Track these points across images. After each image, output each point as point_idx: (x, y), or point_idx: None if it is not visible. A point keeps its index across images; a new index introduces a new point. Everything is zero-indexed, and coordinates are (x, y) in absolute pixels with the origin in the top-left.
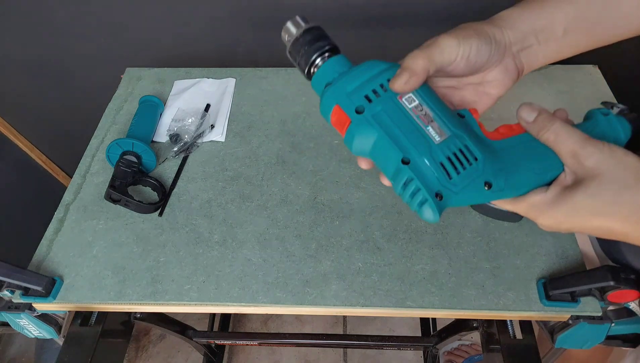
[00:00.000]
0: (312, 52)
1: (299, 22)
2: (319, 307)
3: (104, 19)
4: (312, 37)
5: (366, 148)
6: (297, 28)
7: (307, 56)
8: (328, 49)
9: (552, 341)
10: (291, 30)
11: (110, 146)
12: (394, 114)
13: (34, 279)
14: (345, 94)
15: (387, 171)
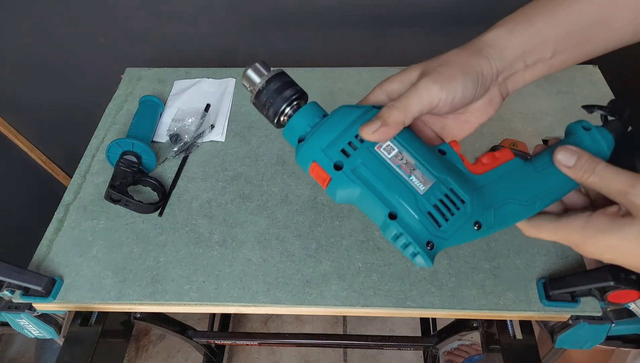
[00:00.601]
0: (281, 103)
1: (261, 69)
2: (319, 307)
3: (104, 19)
4: (277, 85)
5: (351, 200)
6: (260, 77)
7: (275, 106)
8: (296, 97)
9: (552, 341)
10: (253, 79)
11: (110, 146)
12: (374, 167)
13: (34, 279)
14: (320, 150)
15: (376, 221)
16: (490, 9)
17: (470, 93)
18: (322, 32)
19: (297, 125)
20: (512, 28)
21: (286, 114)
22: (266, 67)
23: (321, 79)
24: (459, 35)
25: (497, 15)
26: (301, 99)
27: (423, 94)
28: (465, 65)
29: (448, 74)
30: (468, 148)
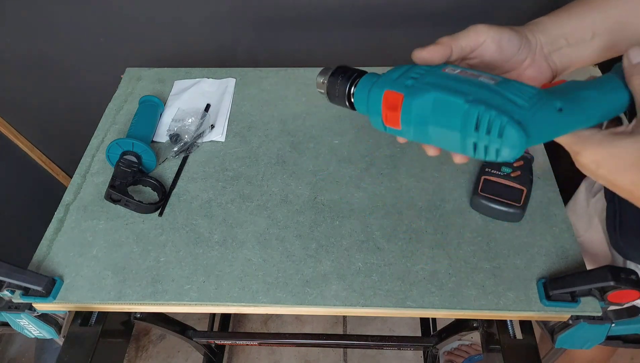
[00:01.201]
0: (345, 85)
1: (324, 72)
2: (319, 307)
3: (104, 19)
4: (336, 77)
5: (426, 113)
6: (324, 75)
7: (341, 90)
8: (356, 76)
9: (553, 341)
10: (319, 81)
11: (110, 146)
12: (444, 78)
13: (34, 279)
14: (391, 81)
15: (454, 125)
16: (490, 9)
17: (515, 43)
18: (322, 32)
19: (363, 88)
20: (551, 15)
21: (352, 93)
22: (328, 69)
23: None
24: None
25: (497, 15)
26: (360, 77)
27: (470, 29)
28: (513, 27)
29: (497, 25)
30: None
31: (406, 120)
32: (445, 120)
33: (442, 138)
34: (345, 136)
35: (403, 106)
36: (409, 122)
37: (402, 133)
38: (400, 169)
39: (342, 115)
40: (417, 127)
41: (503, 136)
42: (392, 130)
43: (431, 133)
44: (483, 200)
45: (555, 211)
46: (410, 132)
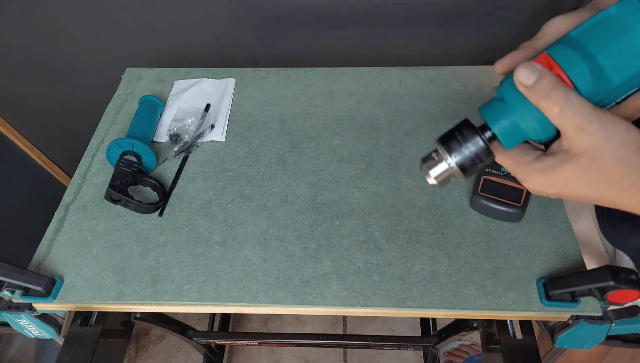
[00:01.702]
0: (473, 135)
1: (432, 157)
2: (319, 307)
3: (104, 19)
4: (459, 150)
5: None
6: (443, 160)
7: (476, 153)
8: (471, 132)
9: (553, 341)
10: (442, 168)
11: (110, 146)
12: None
13: (34, 279)
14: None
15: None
16: (490, 9)
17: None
18: (322, 32)
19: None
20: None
21: (487, 138)
22: (430, 154)
23: (321, 79)
24: (459, 35)
25: (496, 15)
26: (469, 128)
27: (547, 26)
28: (588, 6)
29: (570, 12)
30: None
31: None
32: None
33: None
34: (345, 136)
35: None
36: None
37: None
38: (400, 169)
39: (342, 115)
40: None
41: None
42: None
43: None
44: (483, 200)
45: (555, 211)
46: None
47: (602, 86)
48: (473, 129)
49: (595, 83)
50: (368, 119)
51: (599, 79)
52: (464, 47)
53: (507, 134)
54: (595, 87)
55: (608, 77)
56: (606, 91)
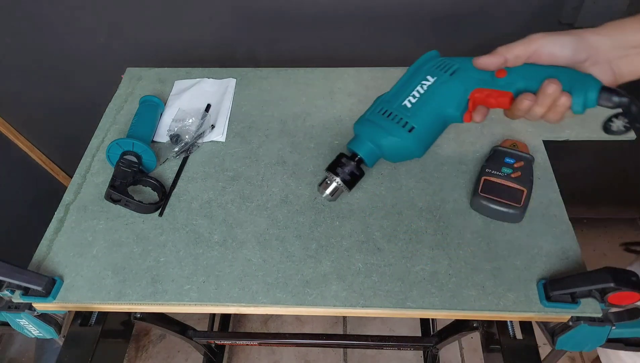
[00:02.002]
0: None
1: (326, 183)
2: (319, 308)
3: (104, 19)
4: (344, 171)
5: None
6: (333, 182)
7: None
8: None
9: (553, 343)
10: (330, 188)
11: (110, 146)
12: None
13: (34, 279)
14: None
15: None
16: (490, 9)
17: (568, 49)
18: (322, 32)
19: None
20: (624, 21)
21: (357, 160)
22: (324, 180)
23: (321, 79)
24: (458, 35)
25: (496, 15)
26: (344, 157)
27: (525, 40)
28: (574, 31)
29: (556, 33)
30: (469, 148)
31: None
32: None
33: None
34: (345, 136)
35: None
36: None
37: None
38: (400, 169)
39: (342, 116)
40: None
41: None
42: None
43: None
44: (483, 201)
45: (556, 212)
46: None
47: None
48: (347, 157)
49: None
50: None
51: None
52: (464, 47)
53: (368, 155)
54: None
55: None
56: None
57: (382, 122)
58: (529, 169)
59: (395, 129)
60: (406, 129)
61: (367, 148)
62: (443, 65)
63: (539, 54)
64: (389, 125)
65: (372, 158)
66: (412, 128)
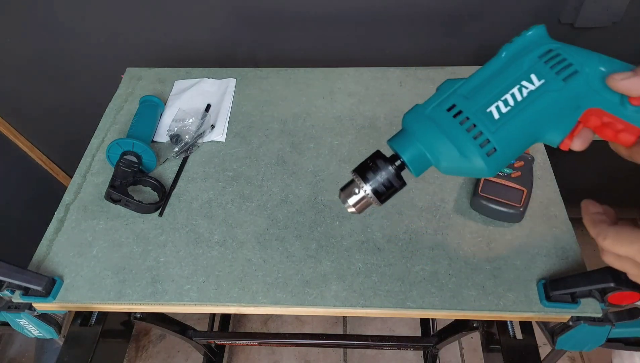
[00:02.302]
0: (389, 175)
1: (351, 189)
2: (319, 308)
3: (104, 19)
4: (375, 176)
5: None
6: (359, 189)
7: (389, 179)
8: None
9: (553, 343)
10: (357, 196)
11: (110, 146)
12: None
13: (34, 279)
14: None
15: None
16: (490, 8)
17: None
18: (322, 32)
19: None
20: None
21: (398, 166)
22: (347, 184)
23: (321, 79)
24: (459, 36)
25: (496, 14)
26: (380, 158)
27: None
28: None
29: None
30: None
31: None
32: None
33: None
34: (345, 136)
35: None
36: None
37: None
38: None
39: (343, 115)
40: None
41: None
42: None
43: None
44: (483, 201)
45: (556, 212)
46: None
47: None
48: (384, 158)
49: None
50: (368, 119)
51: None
52: (464, 47)
53: (416, 163)
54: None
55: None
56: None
57: (451, 130)
58: (529, 169)
59: (468, 147)
60: (485, 150)
61: (417, 154)
62: (556, 60)
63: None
64: (460, 137)
65: (420, 167)
66: (493, 151)
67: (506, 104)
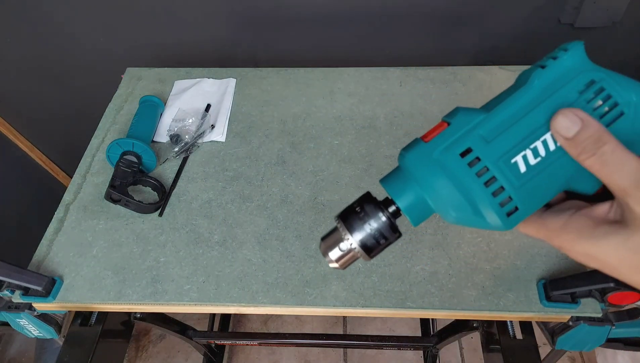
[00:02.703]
0: (381, 224)
1: (332, 239)
2: (319, 308)
3: (104, 19)
4: (359, 228)
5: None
6: (343, 240)
7: (382, 229)
8: (377, 205)
9: (553, 343)
10: (342, 249)
11: (110, 146)
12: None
13: (34, 279)
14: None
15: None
16: (490, 8)
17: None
18: (322, 32)
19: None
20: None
21: (392, 213)
22: (330, 233)
23: (321, 79)
24: (459, 36)
25: (496, 14)
26: (371, 202)
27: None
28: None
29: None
30: None
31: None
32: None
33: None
34: (345, 137)
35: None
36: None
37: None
38: None
39: (342, 115)
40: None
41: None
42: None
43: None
44: None
45: None
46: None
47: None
48: (375, 203)
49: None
50: (368, 119)
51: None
52: (464, 47)
53: (414, 209)
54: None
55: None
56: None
57: (465, 181)
58: None
59: (484, 205)
60: (505, 210)
61: (418, 202)
62: (599, 97)
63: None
64: (476, 192)
65: (420, 216)
66: (515, 210)
67: (536, 155)
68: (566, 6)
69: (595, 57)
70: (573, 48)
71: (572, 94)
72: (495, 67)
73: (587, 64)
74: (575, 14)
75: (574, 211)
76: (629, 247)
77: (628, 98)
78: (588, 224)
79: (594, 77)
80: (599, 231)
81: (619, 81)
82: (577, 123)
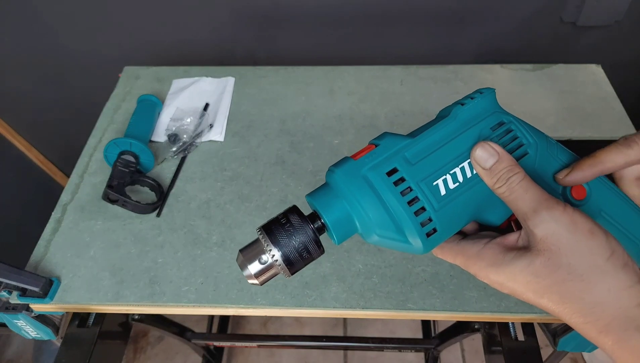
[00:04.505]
0: (306, 236)
1: (252, 252)
2: (319, 309)
3: (102, 18)
4: (283, 242)
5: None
6: (264, 253)
7: (306, 242)
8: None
9: (554, 344)
10: (263, 263)
11: (108, 146)
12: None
13: (32, 280)
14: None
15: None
16: (491, 7)
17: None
18: (322, 30)
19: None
20: None
21: (317, 228)
22: (250, 245)
23: (321, 78)
24: (460, 34)
25: (498, 14)
26: (297, 215)
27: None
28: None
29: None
30: None
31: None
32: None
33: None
34: (345, 136)
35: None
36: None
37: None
38: None
39: (343, 114)
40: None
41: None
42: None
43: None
44: None
45: None
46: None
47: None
48: (301, 216)
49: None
50: (369, 118)
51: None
52: (466, 46)
53: (340, 225)
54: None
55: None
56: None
57: (390, 199)
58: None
59: (407, 224)
60: (425, 230)
61: (344, 218)
62: (508, 136)
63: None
64: (399, 211)
65: (344, 233)
66: (433, 231)
67: (455, 180)
68: (568, 5)
69: (598, 56)
70: (487, 92)
71: (486, 131)
72: (497, 65)
73: (497, 107)
74: (578, 12)
75: (489, 239)
76: (531, 271)
77: (530, 140)
78: (499, 252)
79: (503, 119)
80: (507, 257)
81: (522, 125)
82: (494, 156)
